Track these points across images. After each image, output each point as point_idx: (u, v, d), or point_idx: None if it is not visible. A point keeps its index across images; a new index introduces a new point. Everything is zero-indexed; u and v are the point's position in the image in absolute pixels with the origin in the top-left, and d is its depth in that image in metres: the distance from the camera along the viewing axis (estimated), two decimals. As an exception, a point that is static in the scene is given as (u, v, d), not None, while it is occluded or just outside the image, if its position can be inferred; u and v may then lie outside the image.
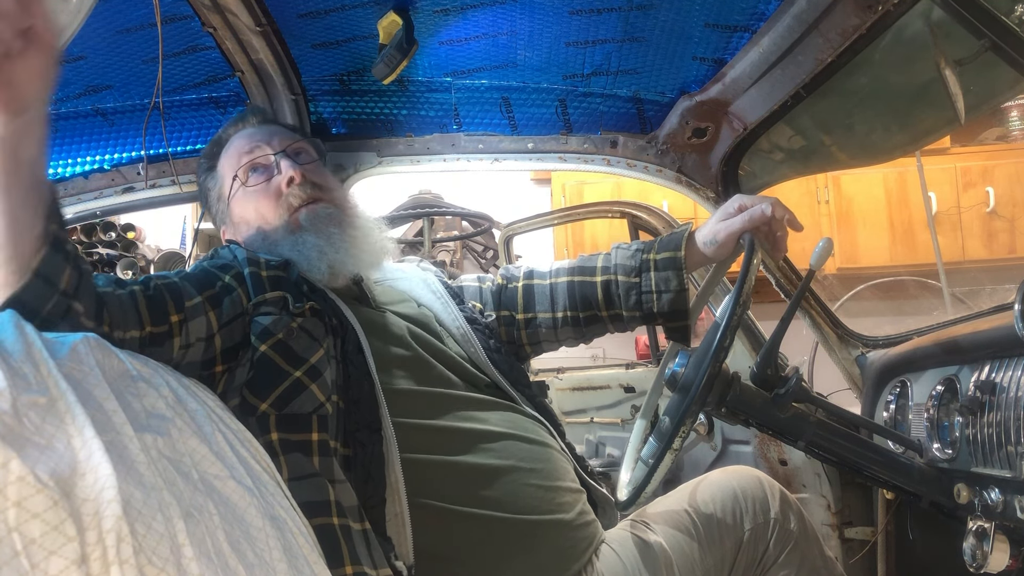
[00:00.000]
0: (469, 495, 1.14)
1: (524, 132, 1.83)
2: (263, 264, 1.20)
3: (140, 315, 1.02)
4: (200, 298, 1.10)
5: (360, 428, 1.10)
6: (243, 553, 0.76)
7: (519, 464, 1.19)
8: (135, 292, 1.04)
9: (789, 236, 1.35)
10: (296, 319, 1.13)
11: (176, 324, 1.05)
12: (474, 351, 1.34)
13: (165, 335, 1.04)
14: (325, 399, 1.09)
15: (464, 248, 5.32)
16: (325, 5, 1.45)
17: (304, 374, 1.09)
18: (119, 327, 0.99)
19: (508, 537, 1.14)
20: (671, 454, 1.10)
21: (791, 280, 1.81)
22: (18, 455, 0.60)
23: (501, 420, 1.24)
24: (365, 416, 1.11)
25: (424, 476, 1.12)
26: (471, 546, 1.13)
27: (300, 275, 1.23)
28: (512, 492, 1.16)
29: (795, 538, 1.30)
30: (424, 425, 1.17)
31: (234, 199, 1.36)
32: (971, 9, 1.15)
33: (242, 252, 1.22)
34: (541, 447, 1.25)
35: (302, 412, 1.07)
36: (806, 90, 1.49)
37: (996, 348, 1.18)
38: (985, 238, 4.98)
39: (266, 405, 1.07)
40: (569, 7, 1.46)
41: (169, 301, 1.07)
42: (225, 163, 1.40)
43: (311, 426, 1.07)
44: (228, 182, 1.37)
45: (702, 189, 1.81)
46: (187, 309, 1.08)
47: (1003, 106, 4.75)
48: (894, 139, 1.81)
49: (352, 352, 1.16)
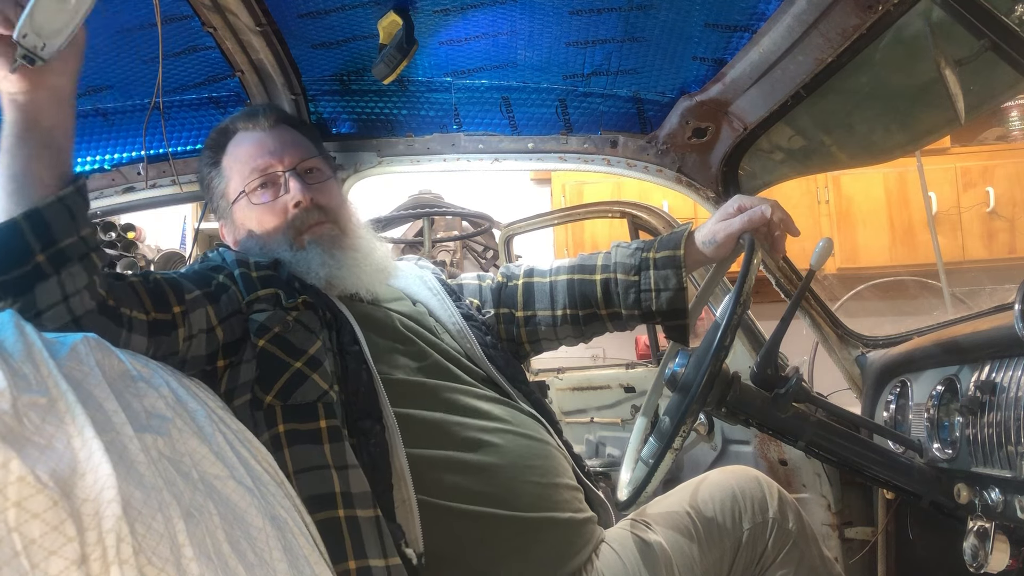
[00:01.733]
0: (468, 491, 1.14)
1: (524, 132, 1.83)
2: (252, 265, 1.22)
3: (143, 301, 1.04)
4: (199, 292, 1.12)
5: (362, 418, 1.11)
6: (243, 553, 0.76)
7: (518, 460, 1.19)
8: (134, 283, 1.05)
9: (788, 237, 1.36)
10: (290, 313, 1.15)
11: (179, 315, 1.07)
12: (470, 347, 1.34)
13: (170, 324, 1.05)
14: (328, 387, 1.10)
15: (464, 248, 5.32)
16: (325, 5, 1.45)
17: (305, 364, 1.10)
18: (126, 305, 1.00)
19: (507, 534, 1.14)
20: (671, 454, 1.10)
21: (791, 280, 1.81)
22: (18, 455, 0.60)
23: (500, 415, 1.24)
24: (365, 406, 1.12)
25: (423, 471, 1.12)
26: (470, 543, 1.13)
27: (291, 273, 1.24)
28: (511, 489, 1.16)
29: (793, 538, 1.30)
30: (423, 418, 1.17)
31: (237, 205, 1.36)
32: (971, 9, 1.15)
33: (231, 255, 1.24)
34: (540, 443, 1.25)
35: (307, 401, 1.08)
36: (806, 90, 1.49)
37: (996, 348, 1.18)
38: (985, 238, 4.97)
39: (271, 397, 1.08)
40: (569, 7, 1.46)
41: (170, 292, 1.08)
42: (232, 164, 1.38)
43: (318, 414, 1.08)
44: (234, 186, 1.37)
45: (702, 189, 1.81)
46: (188, 301, 1.09)
47: (1003, 106, 4.74)
48: (894, 139, 1.81)
49: (348, 344, 1.17)
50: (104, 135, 1.76)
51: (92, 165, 1.80)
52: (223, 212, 1.41)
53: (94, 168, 1.79)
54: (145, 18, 1.41)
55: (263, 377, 1.10)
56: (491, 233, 4.54)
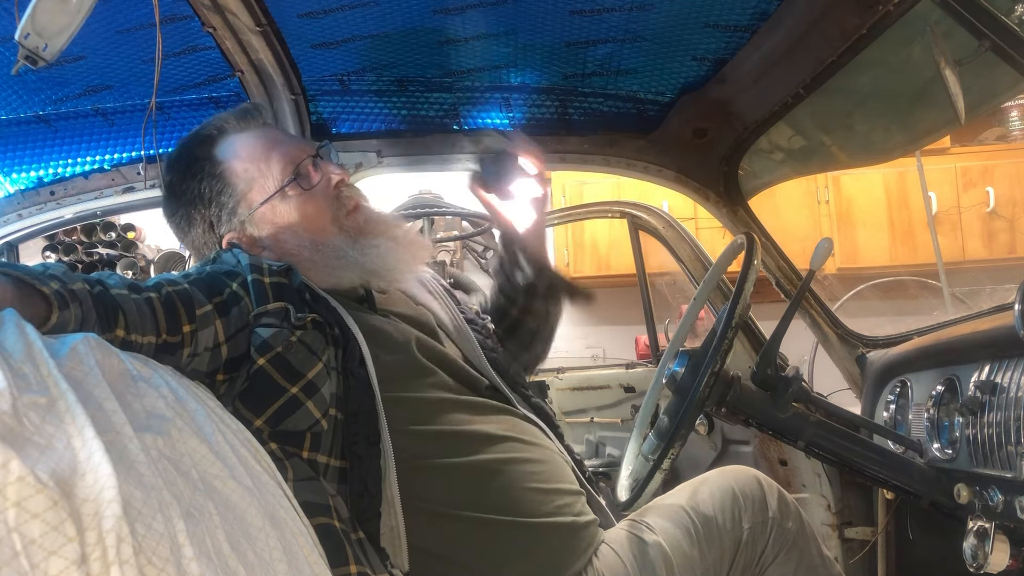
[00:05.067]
0: (468, 499, 1.14)
1: (524, 132, 1.83)
2: (266, 270, 1.16)
3: (158, 323, 1.01)
4: (210, 305, 1.08)
5: (358, 441, 1.09)
6: (243, 553, 0.76)
7: (517, 467, 1.19)
8: (152, 300, 1.02)
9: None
10: (296, 332, 1.11)
11: (188, 334, 1.04)
12: (471, 348, 1.34)
13: (177, 345, 1.03)
14: (321, 415, 1.07)
15: (464, 248, 5.32)
16: (325, 5, 1.45)
17: (300, 390, 1.07)
18: (137, 331, 0.98)
19: (507, 540, 1.14)
20: (674, 451, 1.10)
21: (791, 280, 1.81)
22: (18, 455, 0.60)
23: (500, 423, 1.24)
24: (364, 429, 1.10)
25: (422, 480, 1.12)
26: (470, 550, 1.13)
27: (302, 282, 1.19)
28: (511, 495, 1.16)
29: (793, 537, 1.30)
30: (423, 431, 1.17)
31: (269, 204, 1.27)
32: (971, 9, 1.15)
33: (245, 257, 1.18)
34: (540, 449, 1.25)
35: (296, 430, 1.06)
36: (806, 90, 1.49)
37: (996, 348, 1.18)
38: (985, 238, 4.98)
39: (260, 422, 1.06)
40: (569, 7, 1.46)
41: (181, 309, 1.05)
42: (247, 165, 1.29)
43: (303, 443, 1.06)
44: (260, 185, 1.28)
45: (702, 189, 1.81)
46: (198, 318, 1.06)
47: (1003, 106, 4.75)
48: (894, 139, 1.81)
49: (354, 365, 1.13)
50: (104, 135, 1.76)
51: (92, 165, 1.80)
52: (238, 220, 1.29)
53: (94, 168, 1.80)
54: (145, 18, 1.41)
55: (255, 398, 1.07)
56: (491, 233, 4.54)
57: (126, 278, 1.04)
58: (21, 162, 1.78)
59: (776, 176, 2.02)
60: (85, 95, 1.65)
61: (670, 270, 2.56)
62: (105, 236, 4.66)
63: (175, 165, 1.34)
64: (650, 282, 2.73)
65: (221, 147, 1.31)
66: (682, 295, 3.11)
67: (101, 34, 1.46)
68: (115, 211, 1.89)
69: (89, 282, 0.97)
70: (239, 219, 1.28)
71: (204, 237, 1.33)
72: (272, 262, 1.20)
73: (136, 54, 1.55)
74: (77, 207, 1.80)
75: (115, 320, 0.96)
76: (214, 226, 1.31)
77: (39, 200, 1.80)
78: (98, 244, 4.69)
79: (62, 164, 1.79)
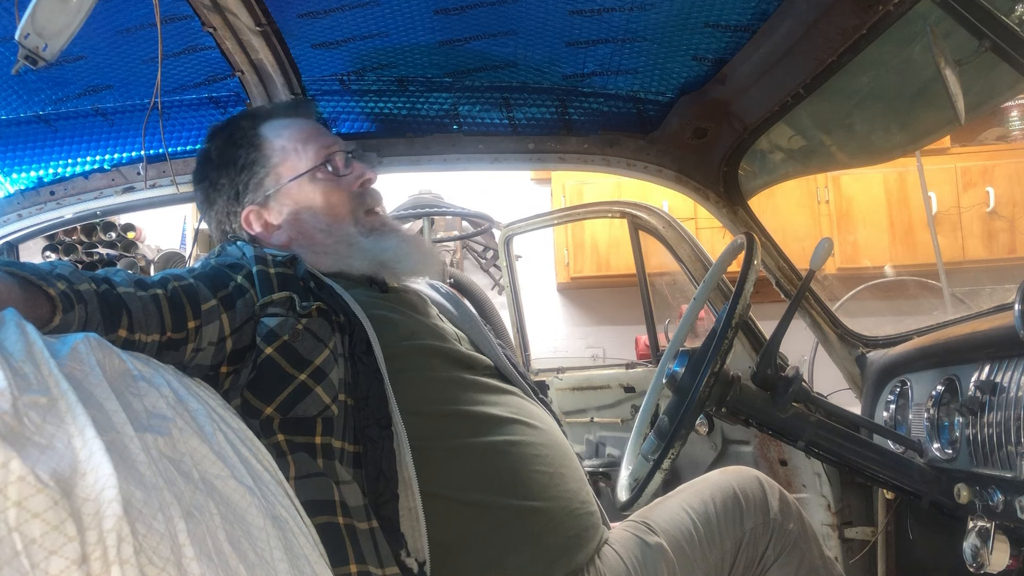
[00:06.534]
0: (476, 481, 1.14)
1: (524, 132, 1.83)
2: (270, 261, 1.19)
3: (163, 320, 1.02)
4: (215, 300, 1.09)
5: (370, 424, 1.09)
6: (244, 553, 0.76)
7: (525, 450, 1.19)
8: (158, 296, 1.03)
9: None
10: (302, 320, 1.12)
11: (192, 330, 1.05)
12: (482, 338, 1.35)
13: (181, 341, 1.04)
14: (331, 400, 1.08)
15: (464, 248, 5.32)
16: (325, 5, 1.45)
17: (309, 376, 1.08)
18: (141, 329, 0.99)
19: (514, 523, 1.14)
20: (674, 451, 1.10)
21: (791, 280, 1.81)
22: (19, 455, 0.60)
23: (506, 406, 1.24)
24: (375, 412, 1.10)
25: (431, 463, 1.11)
26: (478, 533, 1.13)
27: (307, 270, 1.21)
28: (519, 477, 1.16)
29: (794, 539, 1.30)
30: (432, 412, 1.17)
31: (297, 183, 1.34)
32: (971, 9, 1.15)
33: (250, 249, 1.21)
34: (546, 432, 1.25)
35: (307, 416, 1.07)
36: (806, 90, 1.49)
37: (996, 348, 1.18)
38: (985, 238, 4.98)
39: (271, 409, 1.06)
40: (569, 7, 1.46)
41: (187, 305, 1.06)
42: (286, 144, 1.36)
43: (315, 429, 1.06)
44: (291, 163, 1.35)
45: (702, 189, 1.81)
46: (203, 314, 1.07)
47: (1003, 106, 4.75)
48: (894, 139, 1.81)
49: (360, 350, 1.14)
50: (104, 135, 1.76)
51: (92, 165, 1.80)
52: (263, 193, 1.35)
53: (94, 168, 1.80)
54: (145, 18, 1.41)
55: (264, 387, 1.08)
56: (491, 233, 4.54)
57: (133, 274, 1.05)
58: (21, 162, 1.78)
59: (776, 176, 2.02)
60: (85, 95, 1.65)
61: (670, 270, 2.57)
62: (105, 236, 4.66)
63: (219, 132, 1.42)
64: (650, 282, 2.73)
65: (267, 125, 1.40)
66: (682, 295, 3.11)
67: (101, 34, 1.46)
68: (115, 211, 1.89)
69: (96, 280, 0.97)
70: (265, 192, 1.35)
71: (227, 207, 1.37)
72: (277, 252, 1.23)
73: (136, 54, 1.55)
74: (77, 207, 1.81)
75: (119, 320, 0.96)
76: (240, 195, 1.36)
77: (39, 200, 1.80)
78: (98, 244, 4.69)
79: (62, 164, 1.80)
